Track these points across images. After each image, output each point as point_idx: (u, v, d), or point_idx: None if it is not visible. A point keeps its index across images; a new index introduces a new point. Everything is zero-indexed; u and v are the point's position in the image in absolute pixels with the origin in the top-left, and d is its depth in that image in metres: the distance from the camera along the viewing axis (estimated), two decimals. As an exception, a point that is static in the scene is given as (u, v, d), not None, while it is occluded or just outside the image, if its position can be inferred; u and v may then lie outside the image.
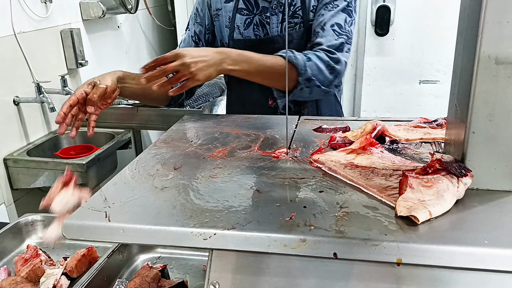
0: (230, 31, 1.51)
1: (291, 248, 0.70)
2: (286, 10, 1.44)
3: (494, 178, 0.82)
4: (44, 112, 2.26)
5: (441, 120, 1.17)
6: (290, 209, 0.79)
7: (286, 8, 1.43)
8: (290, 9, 1.44)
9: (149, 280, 1.18)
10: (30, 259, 1.28)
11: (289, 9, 1.44)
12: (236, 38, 1.51)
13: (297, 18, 1.43)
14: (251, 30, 1.49)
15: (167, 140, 1.18)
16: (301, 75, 1.30)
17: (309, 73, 1.30)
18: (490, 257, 0.67)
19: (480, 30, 0.75)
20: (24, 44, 2.07)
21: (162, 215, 0.79)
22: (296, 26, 1.44)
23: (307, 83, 1.32)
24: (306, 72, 1.30)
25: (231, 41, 1.51)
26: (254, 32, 1.49)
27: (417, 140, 1.10)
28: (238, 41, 1.50)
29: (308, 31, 1.44)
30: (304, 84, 1.32)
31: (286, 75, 1.08)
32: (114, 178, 0.95)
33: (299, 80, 1.31)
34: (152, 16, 3.36)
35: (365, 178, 0.89)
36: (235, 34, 1.51)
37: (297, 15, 1.43)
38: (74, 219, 0.79)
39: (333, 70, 1.33)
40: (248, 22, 1.48)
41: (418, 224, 0.72)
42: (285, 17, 1.44)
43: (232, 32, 1.51)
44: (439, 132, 1.12)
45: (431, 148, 1.10)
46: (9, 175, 2.02)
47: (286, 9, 1.43)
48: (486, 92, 0.78)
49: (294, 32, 1.44)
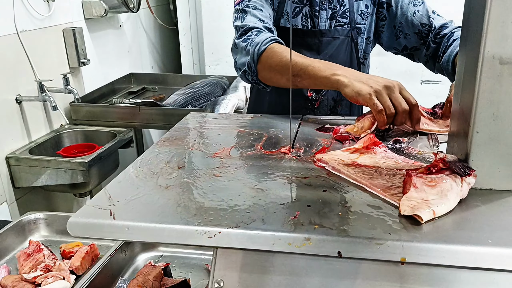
0: (278, 16, 1.51)
1: (295, 246, 0.70)
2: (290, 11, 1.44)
3: (497, 178, 0.82)
4: (46, 110, 2.26)
5: (438, 109, 1.19)
6: (294, 208, 0.79)
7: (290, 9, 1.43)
8: (340, 9, 1.50)
9: (152, 278, 1.19)
10: (32, 254, 1.28)
11: (339, 8, 1.50)
12: (282, 25, 1.50)
13: (346, 18, 1.51)
14: (299, 20, 1.50)
15: (171, 138, 1.18)
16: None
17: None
18: (494, 257, 0.67)
19: (485, 30, 0.76)
20: (26, 42, 2.07)
21: (166, 213, 0.79)
22: (344, 25, 1.51)
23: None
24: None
25: (277, 28, 1.49)
26: (302, 23, 1.50)
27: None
28: (284, 29, 1.49)
29: (353, 32, 1.52)
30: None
31: (290, 72, 1.08)
32: (118, 177, 0.95)
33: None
34: (154, 15, 3.36)
35: (369, 177, 0.89)
36: (282, 21, 1.51)
37: (346, 16, 1.51)
38: (79, 217, 0.79)
39: None
40: (297, 11, 1.50)
41: (422, 223, 0.73)
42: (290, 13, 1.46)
43: (279, 18, 1.51)
44: (436, 125, 1.14)
45: (428, 142, 1.11)
46: (11, 174, 2.02)
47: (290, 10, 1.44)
48: (490, 92, 0.78)
49: (341, 29, 1.51)
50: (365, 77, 1.17)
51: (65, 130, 2.33)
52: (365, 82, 1.15)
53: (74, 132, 2.35)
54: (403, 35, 1.54)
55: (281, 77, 1.31)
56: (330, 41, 1.51)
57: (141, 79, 3.06)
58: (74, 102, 2.37)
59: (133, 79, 3.06)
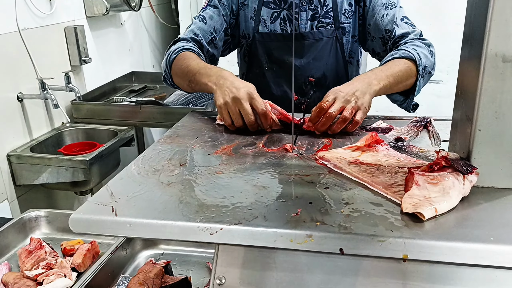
0: (255, 23, 1.51)
1: (297, 243, 0.70)
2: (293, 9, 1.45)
3: (499, 176, 0.82)
4: (47, 108, 2.26)
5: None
6: (296, 205, 0.79)
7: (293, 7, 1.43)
8: (323, 9, 1.48)
9: (153, 276, 1.18)
10: (34, 251, 1.28)
11: (321, 8, 1.47)
12: (261, 32, 1.51)
13: (329, 18, 1.48)
14: (278, 25, 1.49)
15: (172, 136, 1.18)
16: (419, 65, 1.29)
17: (423, 61, 1.31)
18: (495, 254, 0.67)
19: (488, 28, 0.76)
20: (28, 40, 2.07)
21: (168, 210, 0.79)
22: (327, 26, 1.48)
23: (423, 72, 1.32)
24: (421, 61, 1.30)
25: (256, 34, 1.51)
26: (281, 27, 1.49)
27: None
28: (264, 35, 1.51)
29: (338, 32, 1.49)
30: (421, 74, 1.31)
31: (293, 71, 1.08)
32: (120, 173, 0.95)
33: (419, 71, 1.30)
34: (155, 14, 3.36)
35: (371, 175, 0.89)
36: (260, 27, 1.51)
37: (329, 16, 1.48)
38: (81, 213, 0.79)
39: (432, 53, 1.37)
40: (275, 16, 1.49)
41: (423, 221, 0.73)
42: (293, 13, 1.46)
43: (257, 25, 1.51)
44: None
45: (429, 141, 1.11)
46: (12, 171, 2.02)
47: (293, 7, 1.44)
48: (492, 89, 0.78)
49: (324, 30, 1.49)
50: (228, 86, 1.19)
51: (66, 128, 2.33)
52: (224, 93, 1.19)
53: (75, 130, 2.35)
54: (371, 38, 1.50)
55: (183, 82, 1.38)
56: (313, 43, 1.49)
57: (142, 77, 3.06)
58: (75, 100, 2.37)
59: (135, 78, 3.06)
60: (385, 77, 1.23)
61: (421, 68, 1.29)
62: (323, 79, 1.53)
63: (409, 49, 1.31)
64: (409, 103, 1.36)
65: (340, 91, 1.16)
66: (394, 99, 1.38)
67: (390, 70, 1.26)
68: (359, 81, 1.20)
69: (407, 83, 1.30)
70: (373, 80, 1.21)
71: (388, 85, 1.23)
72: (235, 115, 1.17)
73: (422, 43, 1.37)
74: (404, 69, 1.27)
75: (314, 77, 1.51)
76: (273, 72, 1.54)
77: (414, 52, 1.30)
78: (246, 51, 1.57)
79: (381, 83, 1.21)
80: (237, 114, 1.17)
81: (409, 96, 1.34)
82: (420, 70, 1.29)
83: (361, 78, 1.23)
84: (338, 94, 1.15)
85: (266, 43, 1.51)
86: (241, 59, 1.63)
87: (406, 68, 1.27)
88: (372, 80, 1.20)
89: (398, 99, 1.37)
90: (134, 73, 3.06)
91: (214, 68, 1.30)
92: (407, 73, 1.28)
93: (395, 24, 1.42)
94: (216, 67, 1.31)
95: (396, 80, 1.25)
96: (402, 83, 1.28)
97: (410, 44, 1.35)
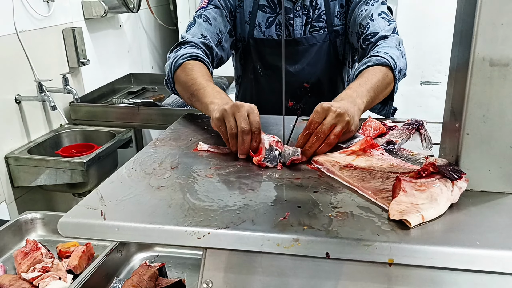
0: (250, 28, 1.49)
1: (284, 247, 0.71)
2: (283, 12, 1.45)
3: (488, 179, 0.82)
4: (45, 110, 2.27)
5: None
6: (284, 208, 0.79)
7: (283, 9, 1.43)
8: (315, 13, 1.46)
9: (146, 278, 1.19)
10: (30, 252, 1.28)
11: (313, 12, 1.46)
12: (256, 37, 1.49)
13: (322, 22, 1.46)
14: (273, 30, 1.48)
15: (165, 139, 1.18)
16: (395, 70, 1.25)
17: (397, 64, 1.26)
18: (482, 258, 0.68)
19: (475, 32, 0.76)
20: (26, 42, 2.08)
21: (157, 214, 0.79)
22: (320, 30, 1.47)
23: (399, 75, 1.28)
24: (396, 65, 1.26)
25: (251, 39, 1.50)
26: (276, 32, 1.48)
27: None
28: (257, 40, 1.49)
29: (331, 35, 1.47)
30: (398, 78, 1.27)
31: (283, 74, 1.08)
32: (111, 177, 0.96)
33: (395, 76, 1.26)
34: (154, 15, 3.37)
35: (362, 180, 0.89)
36: (255, 32, 1.49)
37: (322, 19, 1.46)
38: (70, 217, 0.79)
39: (403, 54, 1.33)
40: (270, 21, 1.47)
41: (410, 227, 0.73)
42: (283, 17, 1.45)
43: (252, 29, 1.49)
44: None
45: (421, 144, 1.11)
46: (10, 173, 2.03)
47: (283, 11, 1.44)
48: (480, 93, 0.78)
49: (317, 35, 1.47)
50: (229, 102, 1.10)
51: (64, 130, 2.34)
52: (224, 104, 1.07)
53: (73, 132, 2.36)
54: (350, 32, 1.46)
55: (184, 93, 1.32)
56: (307, 49, 1.47)
57: (141, 79, 3.07)
58: (73, 102, 2.38)
59: (133, 79, 3.07)
60: (366, 92, 1.17)
61: (397, 72, 1.26)
62: (318, 84, 1.52)
63: (381, 54, 1.26)
64: (388, 109, 1.32)
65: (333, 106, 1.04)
66: (373, 107, 1.31)
67: (369, 83, 1.19)
68: (345, 98, 1.11)
69: (386, 92, 1.26)
70: (356, 98, 1.13)
71: (370, 99, 1.17)
72: (230, 123, 1.03)
73: (392, 43, 1.32)
74: (382, 78, 1.22)
75: (309, 83, 1.50)
76: (268, 78, 1.54)
77: (387, 56, 1.25)
78: (242, 55, 1.57)
79: (364, 100, 1.15)
80: (232, 122, 1.03)
81: (387, 102, 1.30)
82: (396, 74, 1.25)
83: (346, 93, 1.15)
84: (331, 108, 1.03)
85: (260, 49, 1.50)
86: (237, 61, 1.63)
87: (383, 76, 1.22)
88: (355, 99, 1.12)
89: (376, 107, 1.32)
90: (132, 75, 3.07)
91: (220, 91, 1.22)
92: (385, 82, 1.23)
93: (370, 19, 1.38)
94: (224, 93, 1.22)
95: (376, 93, 1.20)
96: (382, 93, 1.23)
97: (381, 47, 1.30)
